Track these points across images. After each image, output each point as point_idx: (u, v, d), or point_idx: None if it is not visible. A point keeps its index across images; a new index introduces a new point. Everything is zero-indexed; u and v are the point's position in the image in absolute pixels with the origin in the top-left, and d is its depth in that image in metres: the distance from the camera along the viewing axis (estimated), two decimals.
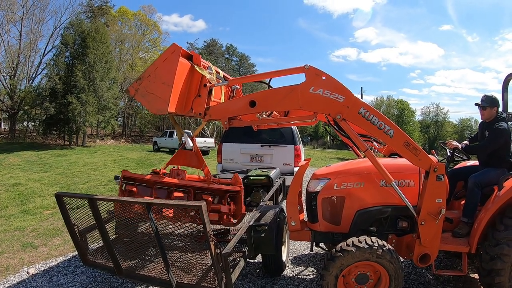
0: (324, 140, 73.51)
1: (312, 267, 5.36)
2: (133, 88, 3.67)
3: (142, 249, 3.95)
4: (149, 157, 23.65)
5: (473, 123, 73.50)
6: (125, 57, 48.25)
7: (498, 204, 4.04)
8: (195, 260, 3.67)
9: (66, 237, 6.25)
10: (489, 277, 3.98)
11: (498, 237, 3.92)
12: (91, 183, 12.66)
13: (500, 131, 4.39)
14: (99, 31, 33.16)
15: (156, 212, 3.51)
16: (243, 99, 4.05)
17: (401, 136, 3.77)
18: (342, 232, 4.39)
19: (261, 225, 4.27)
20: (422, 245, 3.98)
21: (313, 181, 4.63)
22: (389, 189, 4.16)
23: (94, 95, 31.57)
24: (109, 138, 42.93)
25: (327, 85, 3.66)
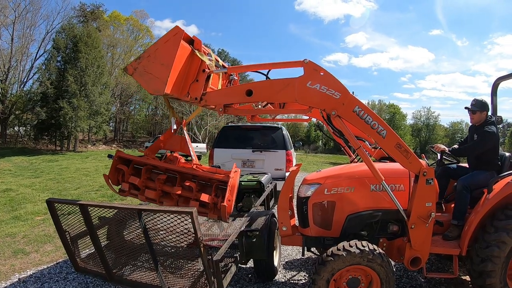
0: (316, 145, 73.85)
1: (304, 271, 5.38)
2: (131, 67, 3.67)
3: (134, 255, 3.95)
4: None
5: (464, 126, 74.24)
6: (117, 62, 48.12)
7: (488, 207, 4.10)
8: (187, 266, 3.70)
9: (57, 244, 6.24)
10: (481, 279, 4.04)
11: (488, 239, 3.98)
12: (83, 188, 12.60)
13: (489, 134, 4.45)
14: (91, 35, 33.12)
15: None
16: (240, 87, 4.05)
17: (393, 138, 3.81)
18: (333, 237, 4.41)
19: (252, 230, 4.28)
20: (412, 249, 4.04)
21: (303, 186, 4.65)
22: (380, 193, 4.25)
23: (86, 100, 31.49)
24: (100, 143, 42.71)
25: (324, 81, 3.70)
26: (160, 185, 4.45)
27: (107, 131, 40.13)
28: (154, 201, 4.53)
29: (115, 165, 4.59)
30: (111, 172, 4.58)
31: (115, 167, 4.59)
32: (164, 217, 3.34)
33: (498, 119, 4.84)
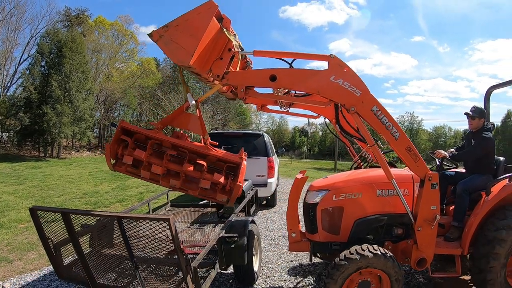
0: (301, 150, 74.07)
1: (285, 276, 5.51)
2: (157, 33, 3.60)
3: (116, 262, 3.99)
4: None
5: (447, 130, 75.35)
6: (102, 67, 47.77)
7: (487, 208, 4.39)
8: (168, 273, 3.79)
9: (41, 251, 6.26)
10: (481, 276, 4.29)
11: (489, 237, 4.25)
12: (66, 196, 12.53)
13: (486, 139, 4.74)
14: (75, 40, 32.82)
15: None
16: (264, 71, 4.01)
17: (405, 141, 4.00)
18: (341, 242, 4.57)
19: (231, 236, 4.37)
20: (419, 250, 4.23)
21: (311, 192, 4.79)
22: (386, 198, 4.50)
23: (70, 106, 31.15)
24: (84, 150, 42.30)
25: (347, 77, 3.86)
26: (166, 162, 4.26)
27: (91, 137, 39.79)
28: (157, 179, 4.34)
29: (117, 136, 4.34)
30: (112, 143, 4.35)
31: (117, 138, 4.34)
32: (144, 224, 3.39)
33: (492, 125, 5.08)
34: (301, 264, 5.99)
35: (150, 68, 54.02)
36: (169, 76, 56.83)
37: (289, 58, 4.18)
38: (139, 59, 54.72)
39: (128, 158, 4.24)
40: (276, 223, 9.05)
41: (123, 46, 51.86)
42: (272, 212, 10.53)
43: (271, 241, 7.36)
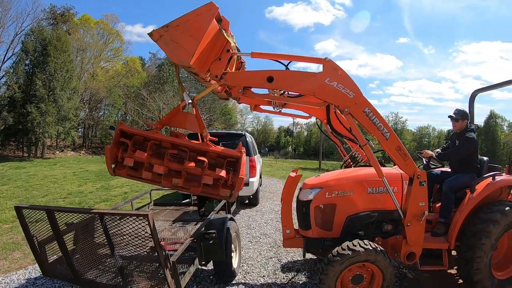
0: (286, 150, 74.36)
1: (264, 272, 5.70)
2: (157, 33, 3.63)
3: (100, 259, 4.09)
4: None
5: (430, 130, 76.30)
6: (87, 66, 47.41)
7: (472, 205, 4.71)
8: (149, 269, 3.94)
9: (26, 251, 6.35)
10: (468, 267, 4.59)
11: (475, 229, 4.55)
12: (51, 196, 12.57)
13: (470, 140, 5.05)
14: (60, 39, 32.61)
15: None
16: (262, 72, 4.13)
17: (395, 141, 4.24)
18: (333, 237, 4.81)
19: (209, 232, 4.55)
20: (408, 244, 4.50)
21: (304, 190, 5.02)
22: (376, 196, 4.78)
23: (54, 105, 30.95)
24: (69, 149, 41.96)
25: (341, 80, 4.05)
26: (167, 162, 4.23)
27: (75, 137, 39.41)
28: (159, 179, 4.27)
29: (117, 139, 4.26)
30: (112, 147, 4.26)
31: (117, 141, 4.26)
32: (125, 221, 3.51)
33: (476, 126, 5.38)
34: (280, 260, 6.20)
35: (135, 67, 53.74)
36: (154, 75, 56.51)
37: (285, 60, 4.32)
38: (124, 58, 54.42)
39: (129, 160, 4.18)
40: (257, 222, 9.24)
41: (108, 45, 51.67)
42: (254, 211, 10.72)
43: (252, 239, 7.55)
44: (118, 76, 51.84)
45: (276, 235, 7.88)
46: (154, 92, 47.46)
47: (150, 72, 58.15)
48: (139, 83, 51.85)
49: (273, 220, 9.47)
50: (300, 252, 6.61)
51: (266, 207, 11.40)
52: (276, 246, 7.05)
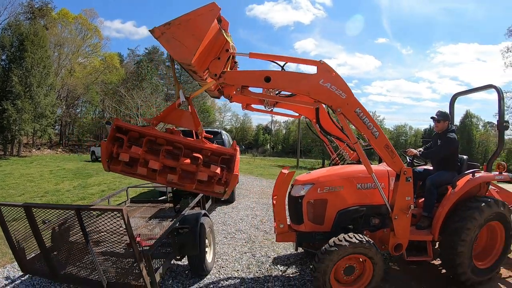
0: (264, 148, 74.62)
1: (239, 266, 5.87)
2: (159, 30, 3.65)
3: (77, 255, 4.19)
4: (87, 167, 23.02)
5: (407, 129, 77.65)
6: (64, 62, 46.76)
7: (454, 199, 5.07)
8: (126, 264, 4.07)
9: (3, 250, 6.33)
10: (451, 259, 4.96)
11: (456, 226, 4.90)
12: (27, 194, 12.49)
13: (451, 140, 5.37)
14: (38, 34, 32.19)
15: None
16: (259, 72, 4.28)
17: (383, 139, 4.53)
18: (324, 231, 5.06)
19: (183, 227, 4.73)
20: (396, 237, 4.80)
21: (297, 186, 5.24)
22: (364, 191, 5.09)
23: (31, 102, 30.57)
24: (45, 147, 41.36)
25: (334, 81, 4.28)
26: (162, 158, 4.27)
27: (52, 134, 38.87)
28: (154, 175, 4.30)
29: (112, 135, 4.28)
30: (108, 142, 4.27)
31: (112, 136, 4.27)
32: (100, 216, 3.64)
33: (456, 127, 5.74)
34: (254, 255, 6.39)
35: (114, 63, 53.18)
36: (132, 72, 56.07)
37: (281, 61, 4.47)
38: (103, 54, 53.78)
39: (124, 155, 4.19)
40: (233, 218, 9.42)
41: (87, 41, 50.98)
42: (230, 208, 10.89)
43: (227, 235, 7.72)
44: (96, 72, 51.24)
45: (251, 231, 8.08)
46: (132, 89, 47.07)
47: (128, 69, 57.71)
48: (117, 79, 51.38)
49: (249, 217, 9.65)
50: (273, 247, 6.85)
51: (242, 204, 11.59)
52: (251, 242, 7.23)
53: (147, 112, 47.18)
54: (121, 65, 57.00)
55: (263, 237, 7.61)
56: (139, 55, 64.72)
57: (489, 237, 5.44)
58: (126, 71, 56.01)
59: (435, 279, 5.55)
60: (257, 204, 11.63)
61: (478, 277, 5.08)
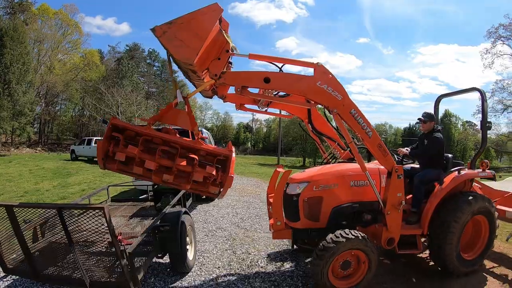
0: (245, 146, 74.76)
1: (219, 263, 5.96)
2: (160, 29, 3.63)
3: (59, 253, 4.18)
4: (67, 167, 22.72)
5: (387, 128, 78.66)
6: (44, 58, 46.02)
7: (441, 195, 5.37)
8: (108, 262, 4.07)
9: None
10: (439, 251, 5.27)
11: (444, 220, 5.22)
12: (7, 195, 12.35)
13: (437, 140, 5.65)
14: (17, 29, 31.62)
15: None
16: (259, 73, 4.40)
17: (376, 139, 4.76)
18: (319, 228, 5.22)
19: (164, 225, 4.78)
20: (388, 231, 5.03)
21: (292, 185, 5.36)
22: (357, 189, 5.27)
23: (9, 100, 30.00)
24: (24, 146, 40.66)
25: (331, 83, 4.45)
26: (158, 158, 4.28)
27: (31, 133, 38.32)
28: (149, 175, 4.32)
29: (109, 133, 4.29)
30: (104, 141, 4.29)
31: (108, 135, 4.28)
32: (82, 215, 3.62)
33: (441, 128, 5.96)
34: (235, 252, 6.51)
35: (94, 60, 52.44)
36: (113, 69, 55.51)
37: (279, 63, 4.61)
38: (83, 51, 52.98)
39: (120, 155, 4.21)
40: (214, 216, 9.51)
41: (67, 37, 50.12)
42: (211, 206, 10.98)
43: (208, 233, 7.81)
44: (76, 69, 50.48)
45: (232, 229, 8.19)
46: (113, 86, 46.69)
47: (109, 66, 57.11)
48: (97, 77, 50.80)
49: (229, 215, 9.76)
50: (254, 244, 7.00)
51: (222, 202, 11.66)
52: (231, 239, 7.34)
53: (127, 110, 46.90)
54: (102, 62, 56.32)
55: (243, 235, 7.72)
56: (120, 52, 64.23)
57: (474, 231, 5.75)
58: (107, 68, 55.43)
59: (424, 271, 5.88)
60: (237, 202, 11.76)
61: (465, 268, 5.42)
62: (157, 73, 70.45)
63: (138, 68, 63.93)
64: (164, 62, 69.58)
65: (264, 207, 10.82)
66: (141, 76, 65.20)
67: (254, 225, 8.63)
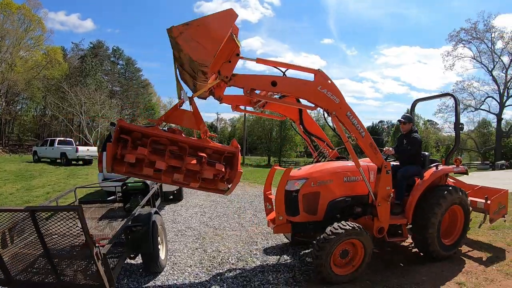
0: None
1: (191, 261, 6.02)
2: (177, 30, 3.69)
3: (31, 257, 4.10)
4: (30, 169, 22.18)
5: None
6: (5, 55, 44.43)
7: (422, 188, 5.99)
8: (82, 264, 4.03)
9: None
10: (422, 239, 5.87)
11: (425, 211, 5.81)
12: None
13: (416, 139, 6.32)
14: None
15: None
16: (267, 77, 4.74)
17: (368, 138, 5.29)
18: (316, 221, 5.66)
19: (136, 225, 4.81)
20: (379, 221, 5.55)
21: (292, 181, 5.71)
22: (350, 184, 5.78)
23: None
24: None
25: (330, 88, 4.93)
26: (168, 158, 4.39)
27: None
28: (159, 175, 4.44)
29: (117, 135, 4.32)
30: (114, 144, 4.31)
31: (117, 137, 4.32)
32: (55, 217, 3.60)
33: (417, 129, 6.64)
34: (205, 250, 6.61)
35: (57, 58, 50.97)
36: (76, 67, 54.26)
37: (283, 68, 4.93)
38: (45, 48, 51.33)
39: (131, 156, 4.25)
40: (182, 216, 9.59)
41: (29, 33, 48.51)
42: (179, 206, 11.05)
43: (178, 232, 7.87)
44: (38, 67, 49.03)
45: (201, 228, 8.30)
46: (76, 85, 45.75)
47: (72, 64, 55.75)
48: (60, 75, 49.51)
49: (198, 214, 9.85)
50: (223, 242, 7.17)
51: (190, 202, 11.77)
52: (201, 238, 7.43)
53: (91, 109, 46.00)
54: (65, 59, 54.81)
55: (213, 233, 7.84)
56: (83, 49, 62.79)
57: (451, 219, 6.40)
58: (70, 66, 54.07)
59: (408, 257, 6.49)
60: (205, 202, 11.88)
61: (445, 252, 6.06)
62: (121, 71, 69.05)
63: (102, 66, 62.72)
64: (129, 61, 68.78)
65: (232, 206, 11.15)
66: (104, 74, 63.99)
67: (222, 224, 8.76)
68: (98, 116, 45.26)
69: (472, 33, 52.24)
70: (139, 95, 64.82)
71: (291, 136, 58.99)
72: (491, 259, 6.27)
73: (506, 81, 51.95)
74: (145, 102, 63.77)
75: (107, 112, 47.25)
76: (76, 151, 26.97)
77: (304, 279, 5.38)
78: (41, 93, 48.91)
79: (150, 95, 70.37)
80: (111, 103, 49.55)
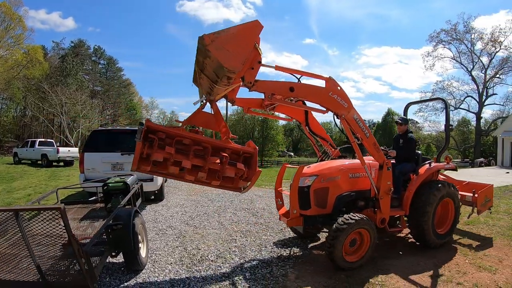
0: None
1: (171, 259, 6.16)
2: (209, 38, 3.96)
3: (14, 258, 4.08)
4: (10, 171, 21.88)
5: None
6: None
7: (418, 183, 6.68)
8: (65, 263, 4.14)
9: None
10: (418, 228, 6.51)
11: (421, 202, 6.44)
12: None
13: (412, 140, 7.06)
14: None
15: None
16: (286, 83, 5.13)
17: (372, 138, 5.85)
18: (325, 214, 6.15)
19: (116, 224, 4.94)
20: (381, 213, 6.13)
21: (304, 178, 6.20)
22: (354, 179, 6.34)
23: None
24: None
25: (340, 93, 5.40)
26: (192, 157, 4.73)
27: None
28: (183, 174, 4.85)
29: (144, 135, 4.62)
30: (142, 143, 4.63)
31: (144, 137, 4.62)
32: (38, 217, 3.71)
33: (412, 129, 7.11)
34: (186, 249, 6.76)
35: (37, 57, 50.03)
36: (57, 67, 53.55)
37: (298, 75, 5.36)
38: (26, 47, 50.38)
39: (158, 155, 4.59)
40: (163, 215, 9.70)
41: (9, 31, 47.46)
42: (160, 206, 11.15)
43: (159, 231, 8.01)
44: (18, 66, 48.18)
45: (181, 227, 8.44)
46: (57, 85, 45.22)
47: (53, 63, 54.97)
48: (40, 75, 48.81)
49: (178, 214, 9.98)
50: (203, 240, 7.35)
51: (171, 201, 11.88)
52: (182, 237, 7.59)
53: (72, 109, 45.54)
54: (45, 59, 53.95)
55: (193, 232, 7.99)
56: (64, 48, 62.02)
57: (443, 210, 7.07)
58: (50, 65, 53.33)
59: (406, 246, 7.17)
60: (186, 201, 11.99)
61: (439, 240, 6.71)
62: (102, 71, 68.38)
63: (83, 66, 62.06)
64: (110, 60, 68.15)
65: (212, 205, 11.28)
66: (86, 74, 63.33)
67: (203, 223, 8.90)
68: (79, 116, 44.85)
69: (452, 34, 53.50)
70: (120, 95, 64.39)
71: (273, 135, 59.37)
72: (464, 253, 6.65)
73: (485, 81, 53.36)
74: (126, 102, 63.34)
75: (88, 112, 46.87)
76: (57, 152, 26.69)
77: (281, 274, 5.59)
78: (21, 93, 48.22)
79: (132, 95, 69.78)
80: (92, 103, 49.17)
